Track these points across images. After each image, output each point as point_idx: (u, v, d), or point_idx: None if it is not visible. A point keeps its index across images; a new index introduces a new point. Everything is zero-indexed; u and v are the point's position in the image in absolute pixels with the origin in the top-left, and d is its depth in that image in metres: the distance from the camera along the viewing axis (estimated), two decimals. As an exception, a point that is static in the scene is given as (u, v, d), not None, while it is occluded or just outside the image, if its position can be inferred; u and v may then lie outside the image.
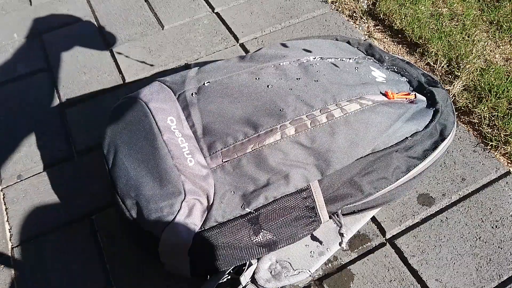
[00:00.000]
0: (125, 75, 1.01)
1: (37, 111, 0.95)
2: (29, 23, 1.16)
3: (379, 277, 0.69)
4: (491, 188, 0.78)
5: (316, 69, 0.74)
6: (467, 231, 0.73)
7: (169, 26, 1.12)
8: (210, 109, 0.69)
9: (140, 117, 0.69)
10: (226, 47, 1.07)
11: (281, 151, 0.63)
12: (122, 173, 0.64)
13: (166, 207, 0.60)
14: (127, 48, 1.08)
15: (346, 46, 0.85)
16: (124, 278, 0.70)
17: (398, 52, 1.05)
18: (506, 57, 1.01)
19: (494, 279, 0.68)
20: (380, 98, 0.71)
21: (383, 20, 1.12)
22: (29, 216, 0.78)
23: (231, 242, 0.61)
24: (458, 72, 0.96)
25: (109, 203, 0.79)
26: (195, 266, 0.63)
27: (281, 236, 0.63)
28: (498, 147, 0.84)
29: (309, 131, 0.65)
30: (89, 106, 0.96)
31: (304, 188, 0.63)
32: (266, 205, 0.62)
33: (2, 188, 0.83)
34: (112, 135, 0.68)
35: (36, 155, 0.87)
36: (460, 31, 1.06)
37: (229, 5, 1.17)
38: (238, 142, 0.64)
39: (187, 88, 0.72)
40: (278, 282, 0.65)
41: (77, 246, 0.74)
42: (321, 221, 0.66)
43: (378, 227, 0.74)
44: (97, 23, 1.15)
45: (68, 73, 1.03)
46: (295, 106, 0.67)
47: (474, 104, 0.91)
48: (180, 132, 0.67)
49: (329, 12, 1.14)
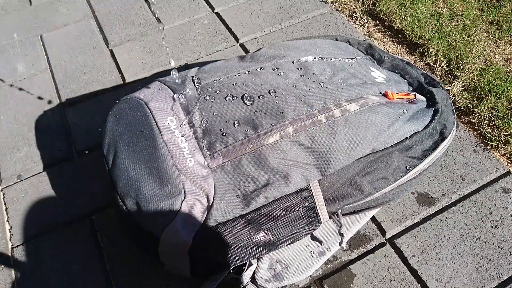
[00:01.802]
0: (125, 75, 1.01)
1: (37, 111, 0.95)
2: (29, 23, 1.16)
3: (379, 277, 0.69)
4: (491, 188, 0.78)
5: (316, 69, 0.74)
6: (467, 231, 0.73)
7: (169, 26, 1.12)
8: (210, 109, 0.69)
9: (140, 117, 0.69)
10: (226, 47, 1.07)
11: (281, 151, 0.64)
12: (122, 173, 0.64)
13: (166, 207, 0.60)
14: (127, 48, 1.08)
15: (346, 46, 0.85)
16: (124, 278, 0.70)
17: (398, 52, 1.05)
18: (506, 57, 1.01)
19: (494, 279, 0.68)
20: (380, 98, 0.71)
21: (383, 20, 1.12)
22: (29, 216, 0.78)
23: (231, 242, 0.61)
24: (458, 72, 0.96)
25: (109, 203, 0.79)
26: (195, 266, 0.63)
27: (281, 236, 0.63)
28: (498, 147, 0.84)
29: (309, 131, 0.65)
30: (89, 106, 0.96)
31: (304, 188, 0.63)
32: (266, 205, 0.62)
33: (2, 188, 0.83)
34: (112, 135, 0.68)
35: (36, 155, 0.87)
36: (460, 31, 1.06)
37: (229, 5, 1.17)
38: (238, 142, 0.65)
39: (187, 88, 0.72)
40: (278, 282, 0.65)
41: (77, 246, 0.74)
42: (321, 221, 0.66)
43: (378, 227, 0.74)
44: (97, 23, 1.15)
45: (68, 73, 1.03)
46: (295, 106, 0.67)
47: (474, 104, 0.91)
48: (180, 132, 0.67)
49: (329, 12, 1.14)
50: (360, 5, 1.16)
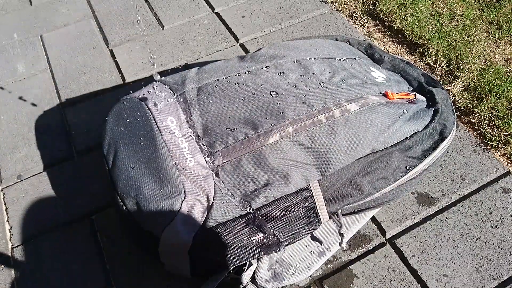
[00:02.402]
0: (125, 75, 1.01)
1: (37, 111, 0.95)
2: (29, 23, 1.16)
3: (379, 277, 0.69)
4: (491, 188, 0.78)
5: (316, 69, 0.74)
6: (467, 231, 0.73)
7: (169, 26, 1.12)
8: (210, 109, 0.69)
9: (140, 117, 0.69)
10: (226, 47, 1.07)
11: (281, 151, 0.63)
12: (122, 173, 0.64)
13: (166, 207, 0.60)
14: (127, 48, 1.08)
15: (346, 46, 0.85)
16: (124, 278, 0.70)
17: (398, 52, 1.05)
18: (506, 57, 1.01)
19: (494, 279, 0.68)
20: (380, 98, 0.71)
21: (383, 20, 1.12)
22: (29, 216, 0.78)
23: (231, 242, 0.61)
24: (458, 72, 0.96)
25: (109, 203, 0.79)
26: (195, 266, 0.63)
27: (281, 236, 0.63)
28: (498, 147, 0.84)
29: (309, 131, 0.65)
30: (89, 106, 0.96)
31: (304, 188, 0.63)
32: (266, 205, 0.62)
33: (2, 188, 0.83)
34: (112, 135, 0.68)
35: (36, 155, 0.87)
36: (460, 31, 1.06)
37: (229, 5, 1.17)
38: (238, 142, 0.64)
39: (187, 88, 0.72)
40: (278, 282, 0.65)
41: (77, 246, 0.74)
42: (321, 221, 0.66)
43: (378, 227, 0.74)
44: (97, 23, 1.15)
45: (68, 73, 1.03)
46: (295, 106, 0.67)
47: (474, 104, 0.91)
48: (180, 132, 0.67)
49: (329, 12, 1.14)
50: (360, 5, 1.16)
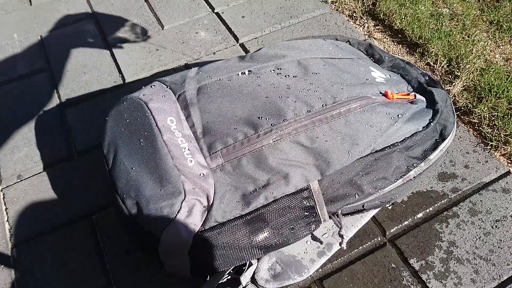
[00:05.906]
0: (125, 75, 1.01)
1: (37, 111, 0.95)
2: (29, 23, 1.16)
3: (379, 277, 0.69)
4: (491, 188, 0.78)
5: (316, 69, 0.74)
6: (467, 231, 0.73)
7: (169, 26, 1.12)
8: (210, 109, 0.69)
9: (140, 117, 0.69)
10: (226, 47, 1.07)
11: (281, 151, 0.63)
12: (122, 173, 0.64)
13: (166, 207, 0.60)
14: (127, 48, 1.08)
15: (346, 46, 0.85)
16: (124, 278, 0.70)
17: (398, 52, 1.05)
18: (506, 57, 1.01)
19: (494, 279, 0.68)
20: (380, 98, 0.71)
21: (383, 20, 1.12)
22: (29, 216, 0.78)
23: (231, 242, 0.61)
24: (458, 72, 0.96)
25: (109, 203, 0.79)
26: (195, 266, 0.63)
27: (281, 236, 0.63)
28: (498, 147, 0.84)
29: (309, 131, 0.65)
30: (89, 106, 0.96)
31: (304, 188, 0.63)
32: (266, 205, 0.62)
33: (2, 188, 0.83)
34: (112, 135, 0.68)
35: (36, 155, 0.87)
36: (460, 31, 1.06)
37: (229, 5, 1.17)
38: (238, 142, 0.65)
39: (187, 88, 0.72)
40: (278, 282, 0.65)
41: (77, 246, 0.74)
42: (321, 221, 0.66)
43: (378, 227, 0.74)
44: (97, 23, 1.15)
45: (68, 73, 1.03)
46: (295, 106, 0.67)
47: (474, 104, 0.91)
48: (180, 132, 0.67)
49: (329, 12, 1.14)
50: (360, 5, 1.16)
